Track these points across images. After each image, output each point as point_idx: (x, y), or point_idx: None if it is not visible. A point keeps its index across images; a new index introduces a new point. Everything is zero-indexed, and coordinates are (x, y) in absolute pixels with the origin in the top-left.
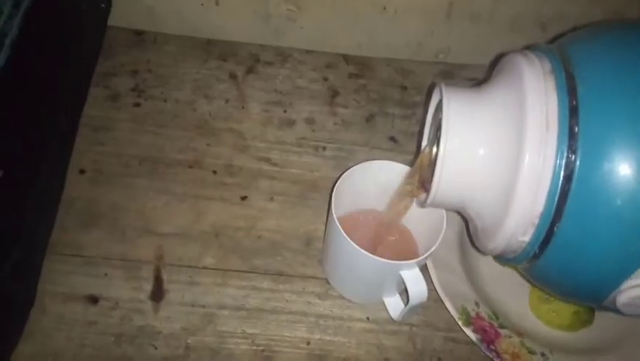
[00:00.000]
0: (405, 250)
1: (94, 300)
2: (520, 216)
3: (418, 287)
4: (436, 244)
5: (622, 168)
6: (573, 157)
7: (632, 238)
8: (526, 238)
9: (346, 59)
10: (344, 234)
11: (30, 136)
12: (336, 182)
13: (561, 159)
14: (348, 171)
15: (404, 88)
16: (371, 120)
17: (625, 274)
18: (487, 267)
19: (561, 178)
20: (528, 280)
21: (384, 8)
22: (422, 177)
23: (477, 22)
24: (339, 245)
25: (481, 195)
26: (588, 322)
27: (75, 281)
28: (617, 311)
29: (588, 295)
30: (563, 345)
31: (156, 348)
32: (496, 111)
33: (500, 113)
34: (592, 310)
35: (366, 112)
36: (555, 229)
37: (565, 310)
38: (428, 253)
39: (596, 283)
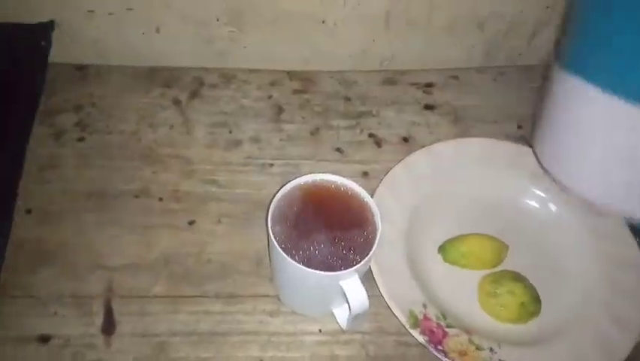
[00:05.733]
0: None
1: (45, 339)
2: None
3: (357, 296)
4: (372, 251)
5: None
6: None
7: None
8: None
9: (290, 75)
10: (280, 249)
11: None
12: (272, 198)
13: None
14: (285, 186)
15: (348, 99)
16: (316, 133)
17: None
18: (435, 267)
19: None
20: None
21: (323, 22)
22: None
23: (415, 28)
24: (279, 262)
25: None
26: (535, 313)
27: (26, 323)
28: None
29: None
30: (512, 338)
31: None
32: None
33: None
34: (538, 302)
35: (311, 126)
36: None
37: (511, 303)
38: (365, 260)
39: None
